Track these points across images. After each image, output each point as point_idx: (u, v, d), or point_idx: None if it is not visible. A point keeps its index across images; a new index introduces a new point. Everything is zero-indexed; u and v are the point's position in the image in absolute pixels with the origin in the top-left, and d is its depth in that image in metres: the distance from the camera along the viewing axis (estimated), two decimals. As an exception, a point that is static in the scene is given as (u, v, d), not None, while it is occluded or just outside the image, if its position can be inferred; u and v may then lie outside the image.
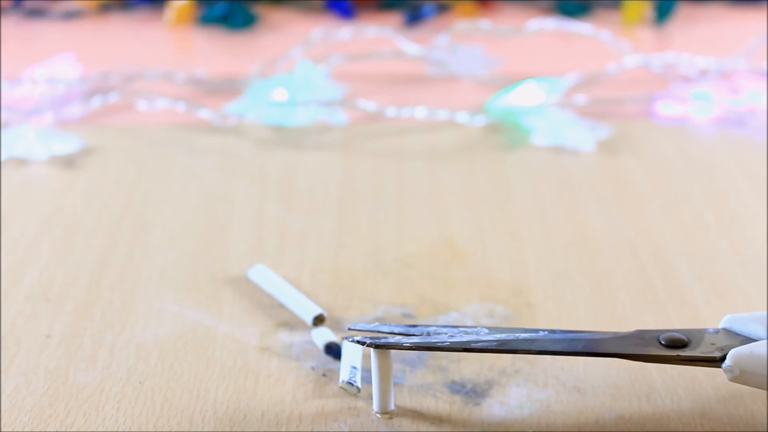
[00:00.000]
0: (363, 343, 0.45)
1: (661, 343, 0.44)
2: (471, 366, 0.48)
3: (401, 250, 0.58)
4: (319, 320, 0.51)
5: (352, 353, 0.48)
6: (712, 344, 0.44)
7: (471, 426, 0.45)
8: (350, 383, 0.46)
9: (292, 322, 0.51)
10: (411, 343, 0.45)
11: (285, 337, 0.50)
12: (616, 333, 0.45)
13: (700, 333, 0.45)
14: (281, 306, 0.53)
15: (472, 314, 0.52)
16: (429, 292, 0.54)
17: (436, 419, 0.45)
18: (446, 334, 0.45)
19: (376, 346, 0.45)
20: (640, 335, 0.45)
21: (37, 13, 0.92)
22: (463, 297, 0.54)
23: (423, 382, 0.47)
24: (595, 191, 0.63)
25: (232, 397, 0.47)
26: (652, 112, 0.73)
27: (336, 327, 0.51)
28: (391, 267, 0.56)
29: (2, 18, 0.91)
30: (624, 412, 0.46)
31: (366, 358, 0.47)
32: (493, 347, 0.44)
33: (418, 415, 0.46)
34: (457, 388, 0.47)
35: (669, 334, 0.45)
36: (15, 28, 0.90)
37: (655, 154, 0.68)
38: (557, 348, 0.44)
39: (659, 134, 0.70)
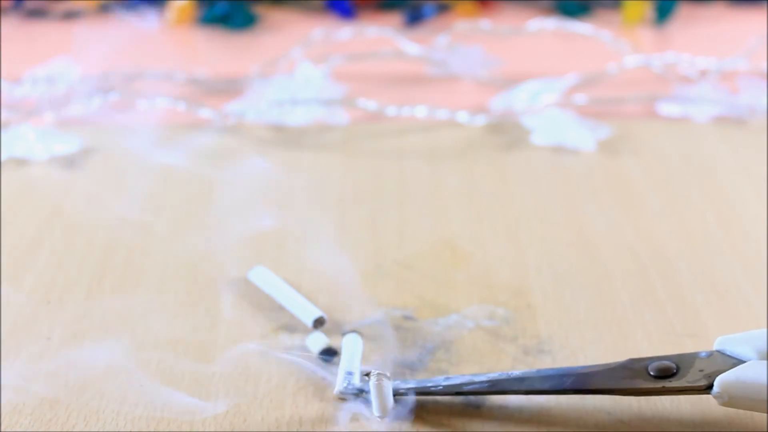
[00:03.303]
0: (361, 391, 0.46)
1: (649, 373, 0.44)
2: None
3: (401, 251, 0.58)
4: (319, 323, 0.51)
5: (350, 355, 0.47)
6: (701, 371, 0.44)
7: (471, 429, 0.45)
8: (344, 392, 0.46)
9: (292, 325, 0.51)
10: (407, 388, 0.45)
11: (285, 339, 0.50)
12: (606, 365, 0.45)
13: (691, 358, 0.45)
14: (281, 308, 0.53)
15: (473, 316, 0.52)
16: (429, 294, 0.54)
17: (437, 422, 0.45)
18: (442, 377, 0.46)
19: None
20: (629, 365, 0.45)
21: (37, 14, 0.92)
22: (464, 299, 0.53)
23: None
24: (595, 191, 0.63)
25: (232, 400, 0.47)
26: (653, 112, 0.73)
27: (336, 329, 0.51)
28: (391, 268, 0.56)
29: (2, 18, 0.91)
30: (624, 415, 0.46)
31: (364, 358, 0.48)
32: (485, 389, 0.45)
33: (418, 418, 0.46)
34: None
35: (658, 362, 0.44)
36: (15, 28, 0.90)
37: (655, 154, 0.68)
38: (546, 386, 0.45)
39: (659, 134, 0.70)
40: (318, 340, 0.49)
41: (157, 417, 0.46)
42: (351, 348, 0.48)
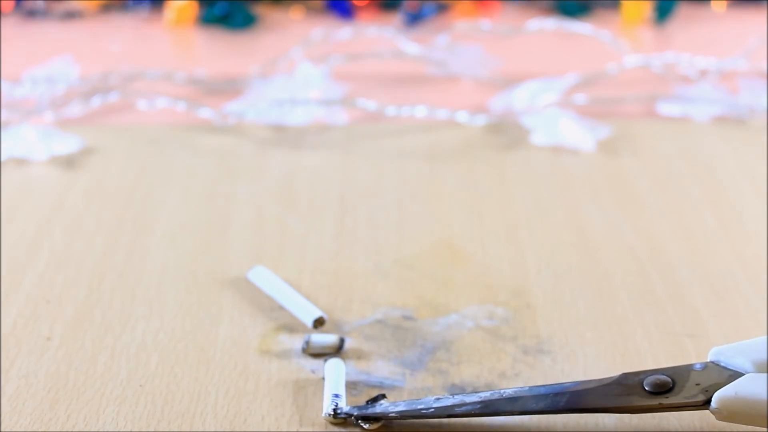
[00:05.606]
0: (350, 416, 0.45)
1: (645, 388, 0.43)
2: (471, 369, 0.48)
3: (401, 251, 0.58)
4: (319, 322, 0.51)
5: (335, 379, 0.47)
6: (697, 385, 0.43)
7: (471, 429, 0.45)
8: (333, 413, 0.45)
9: (292, 325, 0.51)
10: (397, 412, 0.45)
11: (285, 339, 0.50)
12: (600, 381, 0.44)
13: (686, 371, 0.44)
14: (281, 308, 0.53)
15: (473, 316, 0.52)
16: (429, 294, 0.54)
17: (437, 422, 0.45)
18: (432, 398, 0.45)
19: (364, 419, 0.45)
20: (623, 381, 0.44)
21: (37, 14, 0.92)
22: (463, 298, 0.53)
23: (423, 386, 0.47)
24: (595, 191, 0.63)
25: (232, 400, 0.47)
26: (653, 112, 0.73)
27: (336, 329, 0.51)
28: (391, 268, 0.56)
29: (2, 18, 0.91)
30: (624, 414, 0.45)
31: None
32: (477, 410, 0.44)
33: (416, 427, 0.45)
34: (457, 391, 0.47)
35: (653, 377, 0.44)
36: (15, 28, 0.90)
37: (655, 154, 0.68)
38: (540, 406, 0.44)
39: (659, 134, 0.70)
40: (324, 338, 0.50)
41: (157, 417, 0.46)
42: (335, 372, 0.48)
